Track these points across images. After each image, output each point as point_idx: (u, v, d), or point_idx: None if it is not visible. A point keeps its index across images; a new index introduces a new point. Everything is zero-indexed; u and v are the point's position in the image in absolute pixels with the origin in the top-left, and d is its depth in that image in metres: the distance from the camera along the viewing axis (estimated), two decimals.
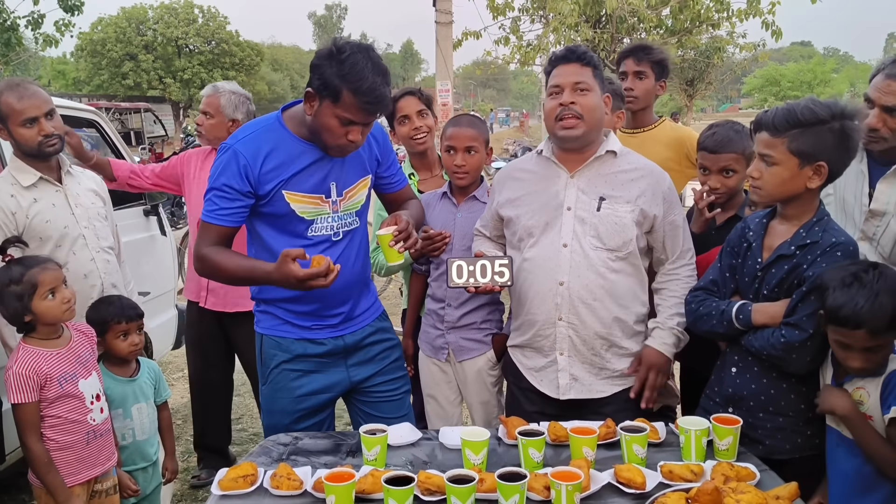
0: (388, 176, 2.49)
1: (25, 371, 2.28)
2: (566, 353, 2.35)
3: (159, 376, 2.86)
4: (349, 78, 2.04)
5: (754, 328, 2.11)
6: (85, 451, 2.39)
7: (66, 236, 2.72)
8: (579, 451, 1.97)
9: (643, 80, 3.18)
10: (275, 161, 2.21)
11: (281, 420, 2.40)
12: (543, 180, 2.41)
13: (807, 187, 2.04)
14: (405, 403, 2.57)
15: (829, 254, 2.01)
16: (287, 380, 2.39)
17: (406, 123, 3.06)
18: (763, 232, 2.17)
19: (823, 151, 2.00)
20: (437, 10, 11.48)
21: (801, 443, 2.09)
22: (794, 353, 2.02)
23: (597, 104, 2.32)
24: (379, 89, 2.07)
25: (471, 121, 2.85)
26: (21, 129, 2.64)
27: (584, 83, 2.30)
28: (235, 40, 38.65)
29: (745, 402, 2.15)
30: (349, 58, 2.05)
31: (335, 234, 2.33)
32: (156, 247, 4.45)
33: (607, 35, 11.68)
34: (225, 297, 3.53)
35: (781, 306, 2.08)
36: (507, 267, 2.31)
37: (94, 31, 35.75)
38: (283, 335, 2.38)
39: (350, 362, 2.44)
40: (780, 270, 2.08)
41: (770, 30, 11.02)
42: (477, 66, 19.01)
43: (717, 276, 2.27)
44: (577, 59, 2.34)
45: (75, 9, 14.39)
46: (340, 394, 2.49)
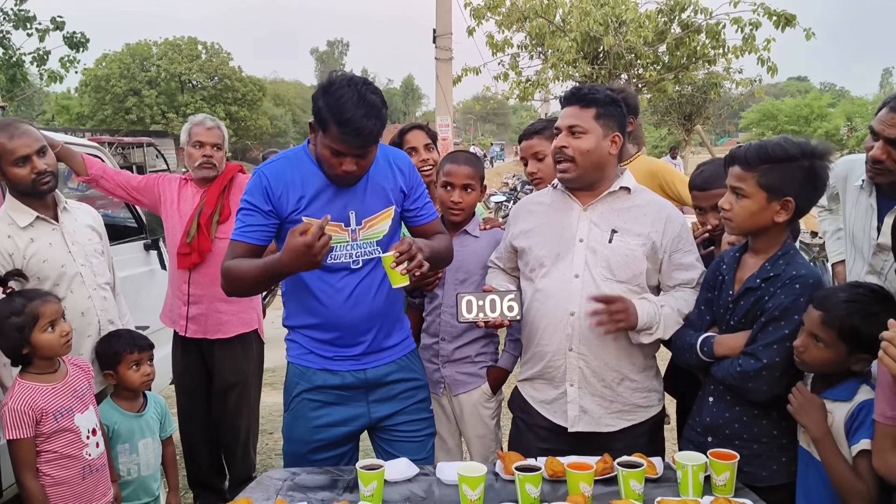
0: (415, 209, 2.49)
1: (21, 406, 2.29)
2: (576, 385, 2.36)
3: (165, 411, 2.87)
4: (333, 110, 2.11)
5: (718, 359, 2.18)
6: (80, 486, 2.39)
7: (63, 275, 2.72)
8: (576, 486, 1.96)
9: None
10: (296, 186, 2.28)
11: (299, 448, 2.42)
12: (557, 212, 2.44)
13: (774, 221, 2.12)
14: (427, 445, 2.54)
15: (788, 286, 2.08)
16: (306, 409, 2.40)
17: (413, 155, 3.11)
18: (736, 265, 2.24)
19: (791, 187, 2.08)
20: (438, 46, 11.65)
21: (777, 469, 2.13)
22: (749, 382, 2.09)
23: (591, 147, 2.32)
24: (359, 122, 2.10)
25: (468, 158, 2.89)
26: (14, 168, 2.64)
27: (579, 127, 2.32)
28: (238, 76, 39.08)
29: (721, 431, 2.20)
30: (336, 91, 2.12)
31: (354, 262, 2.35)
32: (155, 281, 4.46)
33: (605, 71, 11.82)
34: (206, 324, 3.54)
35: (742, 337, 2.15)
36: (515, 301, 2.33)
37: (98, 67, 36.17)
38: (307, 364, 2.41)
39: (371, 398, 2.44)
40: (748, 302, 2.16)
41: (766, 66, 11.15)
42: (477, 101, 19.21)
43: (694, 314, 2.34)
44: (578, 101, 2.36)
45: (80, 45, 14.63)
46: (360, 429, 2.47)
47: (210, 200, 3.49)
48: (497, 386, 2.86)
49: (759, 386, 2.08)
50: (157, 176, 3.69)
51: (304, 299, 2.38)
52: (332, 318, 2.36)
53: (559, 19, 11.64)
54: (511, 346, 2.84)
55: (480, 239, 2.84)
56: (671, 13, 11.78)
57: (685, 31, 11.75)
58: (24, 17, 13.86)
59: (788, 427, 2.13)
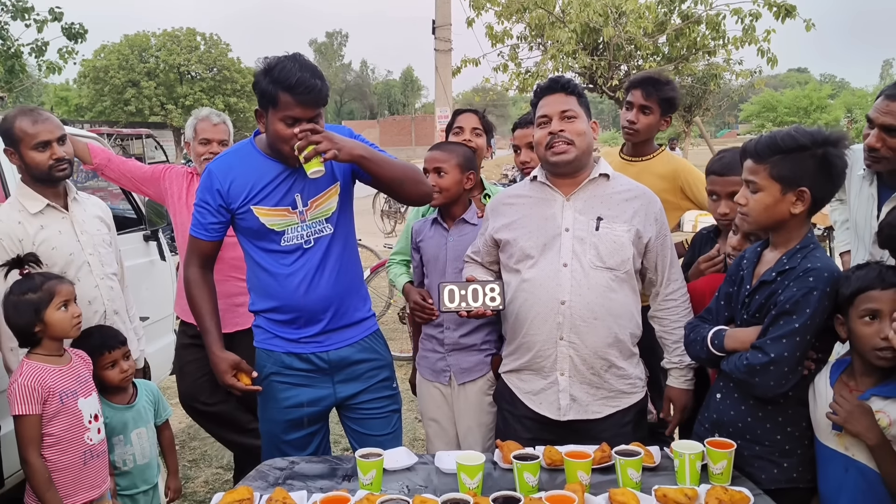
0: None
1: (30, 383, 2.33)
2: (567, 374, 2.37)
3: (158, 396, 2.87)
4: (280, 80, 2.22)
5: (729, 353, 2.15)
6: (82, 472, 2.41)
7: (71, 263, 2.75)
8: (574, 475, 1.98)
9: (647, 116, 3.13)
10: (242, 179, 2.40)
11: (272, 428, 2.55)
12: (539, 204, 2.45)
13: (791, 213, 2.06)
14: (391, 421, 2.63)
15: (802, 278, 2.02)
16: (276, 391, 2.52)
17: (459, 135, 3.17)
18: (756, 260, 2.20)
19: (805, 177, 2.03)
20: (437, 38, 11.62)
21: (777, 474, 2.09)
22: (756, 377, 2.04)
23: (584, 129, 2.40)
24: (309, 81, 2.21)
25: (444, 146, 2.96)
26: (33, 152, 2.69)
27: (570, 111, 2.38)
28: (237, 67, 38.95)
29: (726, 428, 2.17)
30: (277, 65, 2.25)
31: (306, 241, 2.44)
32: (155, 272, 4.47)
33: (604, 62, 11.81)
34: (222, 317, 3.53)
35: (753, 331, 2.11)
36: (498, 291, 2.34)
37: (97, 59, 36.08)
38: (272, 348, 2.52)
39: (336, 379, 2.53)
40: (762, 296, 2.11)
41: (766, 57, 11.14)
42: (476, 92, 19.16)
43: (713, 304, 2.31)
44: (562, 88, 2.43)
45: (79, 36, 14.62)
46: (328, 408, 2.57)
47: None
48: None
49: (766, 381, 2.02)
50: (164, 167, 3.68)
51: (264, 284, 2.49)
52: (289, 299, 2.45)
53: (559, 10, 11.62)
54: None
55: (478, 226, 2.85)
56: (671, 4, 11.77)
57: (685, 22, 11.74)
58: (22, 7, 13.84)
59: (794, 432, 2.09)
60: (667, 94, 3.10)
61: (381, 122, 57.66)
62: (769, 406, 2.09)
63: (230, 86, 38.38)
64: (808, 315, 1.99)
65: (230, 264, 3.38)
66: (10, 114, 2.78)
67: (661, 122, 3.16)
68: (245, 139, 2.52)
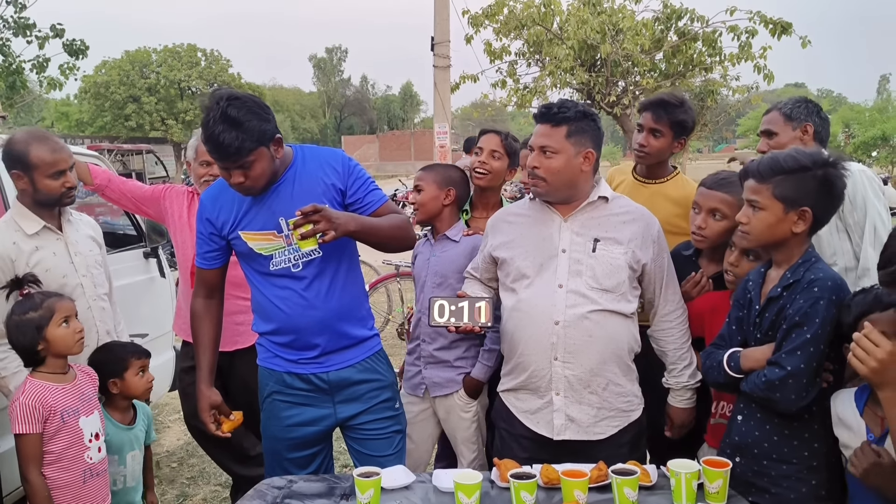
0: (358, 200, 2.48)
1: (31, 402, 2.34)
2: (562, 394, 2.38)
3: (150, 420, 2.91)
4: (202, 129, 2.25)
5: (746, 373, 2.16)
6: (82, 490, 2.42)
7: (64, 286, 2.74)
8: (571, 494, 1.98)
9: (657, 139, 2.99)
10: (228, 206, 2.44)
11: (275, 445, 2.57)
12: (537, 224, 2.46)
13: (792, 232, 2.10)
14: (394, 442, 2.61)
15: (807, 290, 2.06)
16: (277, 409, 2.53)
17: (478, 154, 3.18)
18: (761, 281, 2.23)
19: (807, 197, 2.07)
20: (436, 54, 11.71)
21: (807, 492, 2.09)
22: (777, 392, 2.05)
23: (560, 166, 2.35)
24: (218, 137, 2.19)
25: (433, 167, 3.11)
26: (48, 180, 2.69)
27: (550, 147, 2.35)
28: (237, 82, 39.15)
29: (749, 450, 2.17)
30: (206, 111, 2.24)
31: (294, 265, 2.44)
32: (155, 289, 4.49)
33: (602, 78, 11.89)
34: (223, 336, 3.55)
35: (768, 349, 2.13)
36: (487, 308, 2.35)
37: (97, 74, 36.26)
38: (274, 367, 2.53)
39: (337, 399, 2.52)
40: (771, 314, 2.14)
41: (762, 73, 11.21)
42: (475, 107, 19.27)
43: (725, 331, 2.32)
44: (549, 119, 2.37)
45: (80, 52, 14.67)
46: (329, 429, 2.57)
47: None
48: (474, 394, 2.92)
49: (787, 395, 2.04)
50: (164, 187, 3.69)
51: (262, 307, 2.52)
52: (285, 322, 2.47)
53: (556, 27, 11.71)
54: (485, 357, 2.88)
55: (460, 244, 2.92)
56: (668, 21, 11.86)
57: (682, 39, 11.83)
58: (23, 24, 13.90)
59: (820, 449, 2.10)
60: (678, 116, 2.97)
61: (380, 136, 57.83)
62: (794, 423, 2.10)
63: None
64: (818, 324, 2.02)
65: (231, 282, 3.39)
66: (21, 138, 2.76)
67: (675, 144, 3.03)
68: None
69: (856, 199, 2.65)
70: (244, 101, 2.23)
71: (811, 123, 2.80)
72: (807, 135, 2.80)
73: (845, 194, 2.56)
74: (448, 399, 2.93)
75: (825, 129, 2.85)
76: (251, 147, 2.23)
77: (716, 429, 2.43)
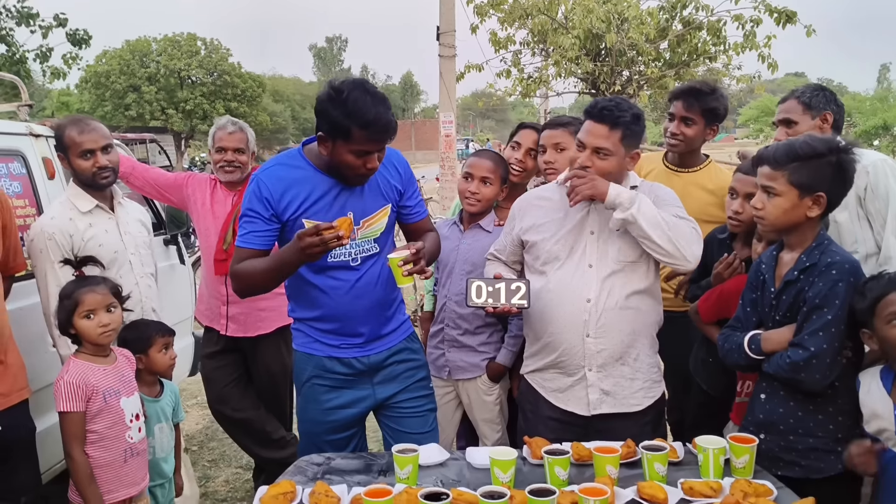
0: (409, 206, 2.59)
1: (75, 381, 2.41)
2: (594, 369, 2.45)
3: (178, 399, 2.98)
4: (354, 116, 2.19)
5: (768, 355, 2.22)
6: (123, 469, 2.49)
7: (115, 260, 2.91)
8: (603, 469, 2.06)
9: (690, 127, 3.03)
10: (295, 191, 2.37)
11: (312, 428, 2.60)
12: (565, 207, 2.52)
13: (807, 216, 2.18)
14: (429, 420, 2.68)
15: (825, 273, 2.14)
16: (316, 393, 2.55)
17: (516, 150, 3.16)
18: (774, 264, 2.30)
19: (822, 183, 2.15)
20: (441, 44, 11.70)
21: (835, 460, 2.15)
22: (802, 373, 2.13)
23: (614, 168, 2.40)
24: (383, 118, 2.22)
25: (492, 156, 3.02)
26: (79, 160, 2.89)
27: (606, 150, 2.38)
28: (237, 72, 39.00)
29: (775, 427, 2.24)
30: (349, 96, 2.20)
31: (353, 259, 2.46)
32: (175, 276, 4.54)
33: (607, 68, 11.89)
34: (246, 322, 3.63)
35: (788, 331, 2.20)
36: (524, 291, 2.41)
37: (98, 64, 36.11)
38: (313, 352, 2.54)
39: (375, 380, 2.57)
40: (789, 296, 2.21)
41: (766, 63, 11.22)
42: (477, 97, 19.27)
43: (740, 313, 2.39)
44: (608, 121, 2.37)
45: (83, 42, 14.66)
46: (367, 410, 2.61)
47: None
48: (497, 379, 2.99)
49: (812, 375, 2.11)
50: (187, 175, 3.78)
51: (307, 294, 2.51)
52: (333, 311, 2.49)
53: (561, 16, 11.70)
54: (510, 343, 2.94)
55: (492, 234, 2.95)
56: (673, 10, 11.84)
57: (686, 28, 11.81)
58: (27, 14, 13.88)
59: (845, 421, 2.17)
60: (709, 104, 3.00)
61: None
62: (818, 399, 2.17)
63: (231, 90, 38.42)
64: (838, 306, 2.10)
65: None
66: (61, 122, 3.03)
67: (707, 131, 3.06)
68: (292, 148, 2.53)
69: (878, 187, 2.71)
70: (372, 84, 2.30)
71: (830, 112, 2.82)
72: (826, 123, 2.82)
73: (867, 184, 2.63)
74: (471, 383, 3.00)
75: (841, 117, 2.89)
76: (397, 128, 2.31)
77: (741, 407, 2.50)
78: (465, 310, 2.88)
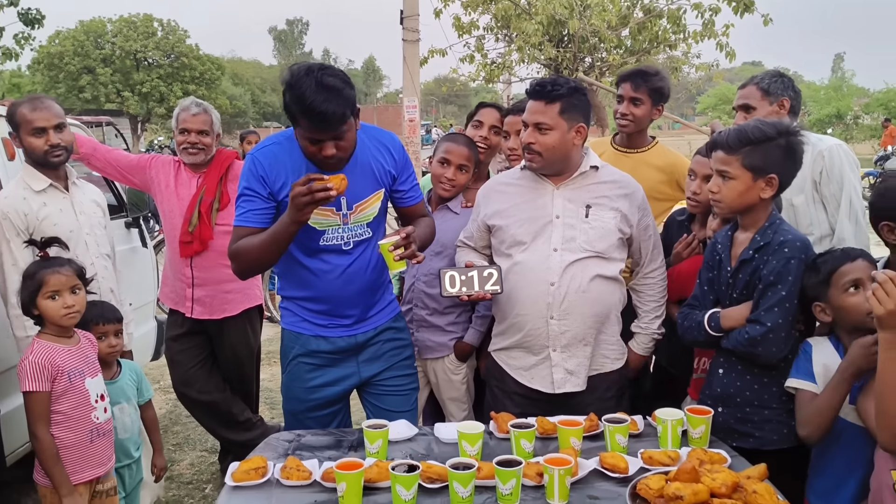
0: (403, 191, 2.58)
1: (41, 361, 2.39)
2: (559, 350, 2.52)
3: (141, 377, 2.95)
4: (297, 102, 2.18)
5: (727, 331, 2.32)
6: (89, 449, 2.48)
7: (70, 240, 2.85)
8: (567, 441, 2.13)
9: (638, 107, 3.15)
10: (290, 172, 2.35)
11: (297, 406, 2.61)
12: (530, 192, 2.58)
13: (760, 198, 2.28)
14: (411, 399, 2.71)
15: (778, 251, 2.24)
16: (302, 371, 2.56)
17: (478, 128, 3.21)
18: (729, 244, 2.39)
19: (774, 165, 2.25)
20: (405, 28, 11.66)
21: (788, 433, 2.25)
22: (759, 347, 2.23)
23: (555, 143, 2.46)
24: (320, 106, 2.15)
25: (468, 142, 3.06)
26: (31, 137, 2.87)
27: (545, 124, 2.45)
28: (195, 54, 38.17)
29: (732, 400, 2.34)
30: (296, 83, 2.18)
31: (346, 243, 2.46)
32: (137, 259, 4.50)
33: (570, 54, 12.01)
34: (211, 305, 3.62)
35: (745, 308, 2.30)
36: (496, 276, 2.48)
37: (51, 45, 35.07)
38: (301, 331, 2.55)
39: (361, 359, 2.59)
40: (745, 274, 2.31)
41: (724, 51, 11.44)
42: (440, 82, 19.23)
43: (698, 291, 2.49)
44: (543, 96, 2.46)
45: (36, 22, 14.27)
46: (351, 387, 2.63)
47: (210, 188, 3.53)
48: (464, 358, 3.05)
49: (769, 348, 2.21)
50: (150, 157, 3.74)
51: (298, 274, 2.50)
52: (324, 292, 2.50)
53: (525, 2, 11.76)
54: (478, 323, 3.00)
55: (460, 216, 3.00)
56: None
57: (647, 16, 11.99)
58: None
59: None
60: (655, 84, 3.14)
61: None
62: (773, 372, 2.27)
63: (189, 73, 37.64)
64: (791, 282, 2.21)
65: (220, 251, 3.45)
66: (15, 101, 2.97)
67: (654, 111, 3.20)
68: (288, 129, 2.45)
69: (833, 172, 2.82)
70: (333, 69, 2.24)
71: (787, 98, 2.92)
72: (783, 109, 2.92)
73: (823, 168, 2.75)
74: (438, 362, 3.05)
75: (798, 103, 3.00)
76: (348, 116, 2.24)
77: (698, 383, 2.60)
78: (433, 290, 2.93)
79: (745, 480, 1.81)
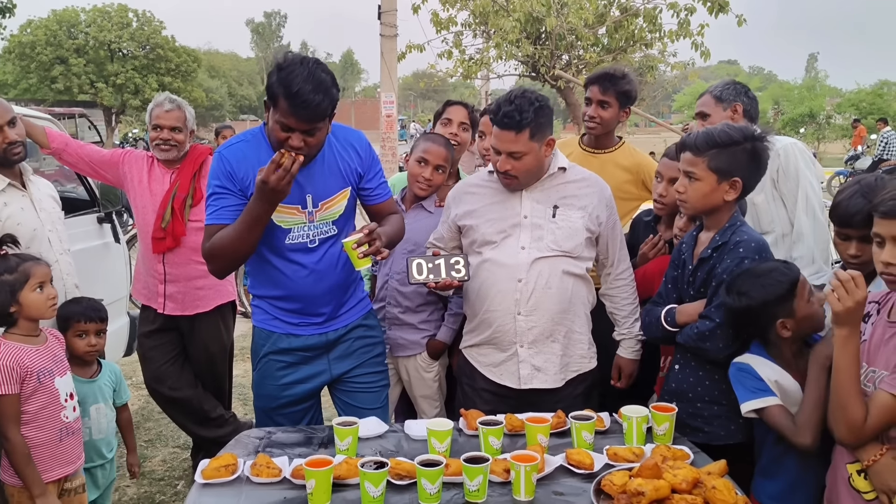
0: (370, 188, 2.58)
1: (9, 363, 2.37)
2: (526, 346, 2.56)
3: (120, 379, 2.95)
4: (283, 84, 2.20)
5: (681, 327, 2.39)
6: (58, 448, 2.47)
7: (34, 238, 2.83)
8: (534, 437, 2.17)
9: (606, 110, 3.19)
10: (255, 165, 2.33)
11: (268, 403, 2.61)
12: (500, 193, 2.62)
13: (724, 200, 2.34)
14: (382, 396, 2.73)
15: (733, 251, 2.31)
16: (273, 369, 2.57)
17: (447, 126, 3.26)
18: (693, 244, 2.46)
19: (738, 168, 2.31)
20: (382, 23, 11.65)
21: (735, 430, 2.33)
22: (707, 342, 2.30)
23: (531, 164, 2.49)
24: (307, 95, 2.18)
25: (446, 142, 3.08)
26: None
27: (518, 152, 2.46)
28: (171, 45, 37.71)
29: (685, 395, 2.40)
30: (287, 67, 2.22)
31: (311, 241, 2.47)
32: (109, 254, 4.47)
33: (547, 51, 12.05)
34: (184, 301, 3.61)
35: (700, 304, 2.37)
36: (463, 264, 2.50)
37: (22, 34, 34.45)
38: (272, 329, 2.56)
39: (332, 356, 2.61)
40: (703, 272, 2.38)
41: (699, 50, 11.57)
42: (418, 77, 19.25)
43: (662, 288, 2.55)
44: (512, 127, 2.43)
45: (6, 11, 14.08)
46: (322, 384, 2.65)
47: (183, 184, 3.51)
48: (436, 356, 3.08)
49: (716, 344, 2.28)
50: (123, 152, 3.70)
51: (268, 273, 2.52)
52: (294, 291, 2.51)
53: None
54: (450, 321, 3.04)
55: (434, 215, 3.02)
56: None
57: (624, 15, 12.06)
58: None
59: None
60: (622, 87, 3.18)
61: None
62: (723, 370, 2.32)
63: (164, 65, 37.15)
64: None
65: (191, 248, 3.44)
66: None
67: (621, 113, 3.24)
68: (255, 128, 2.49)
69: (788, 169, 2.93)
70: (326, 67, 2.27)
71: (740, 103, 3.06)
72: (736, 114, 3.06)
73: (779, 166, 2.82)
74: (411, 360, 3.08)
75: (754, 108, 3.12)
76: (327, 114, 2.26)
77: (663, 381, 2.65)
78: (406, 288, 2.95)
79: (706, 476, 1.86)
